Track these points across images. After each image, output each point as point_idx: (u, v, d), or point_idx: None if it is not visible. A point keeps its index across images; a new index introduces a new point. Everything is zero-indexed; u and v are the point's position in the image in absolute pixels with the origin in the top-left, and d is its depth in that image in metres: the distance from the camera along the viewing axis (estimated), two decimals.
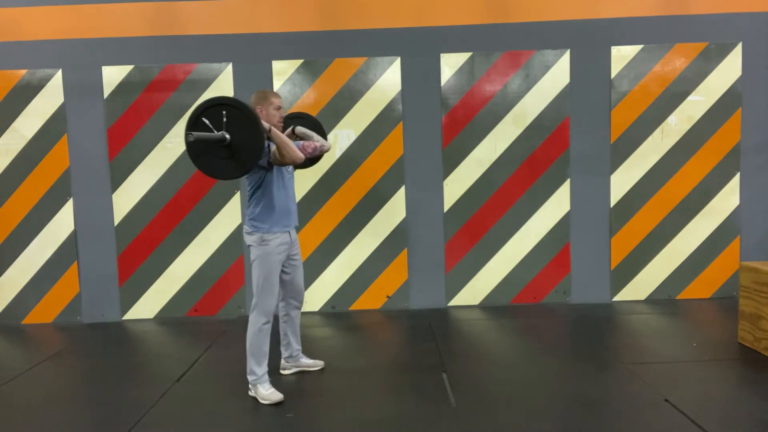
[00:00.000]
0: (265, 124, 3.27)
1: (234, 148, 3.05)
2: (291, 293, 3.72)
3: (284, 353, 3.83)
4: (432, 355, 4.12)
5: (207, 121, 3.06)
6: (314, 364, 3.85)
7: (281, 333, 3.80)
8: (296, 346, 3.82)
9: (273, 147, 3.33)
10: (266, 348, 3.44)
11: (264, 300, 3.41)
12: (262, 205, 3.42)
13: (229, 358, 4.19)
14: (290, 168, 3.55)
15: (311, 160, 3.96)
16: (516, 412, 3.18)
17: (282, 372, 3.84)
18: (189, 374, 3.92)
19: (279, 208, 3.44)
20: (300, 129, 3.78)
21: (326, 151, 3.75)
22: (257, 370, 3.43)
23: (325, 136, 4.00)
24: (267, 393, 3.37)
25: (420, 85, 5.26)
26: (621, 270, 5.39)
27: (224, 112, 3.05)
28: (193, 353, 4.33)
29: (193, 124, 3.08)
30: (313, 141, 3.69)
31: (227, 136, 3.05)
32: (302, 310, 5.28)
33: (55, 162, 5.27)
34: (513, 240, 5.36)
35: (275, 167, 3.39)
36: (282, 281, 3.66)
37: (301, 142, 3.67)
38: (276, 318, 3.69)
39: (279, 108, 3.47)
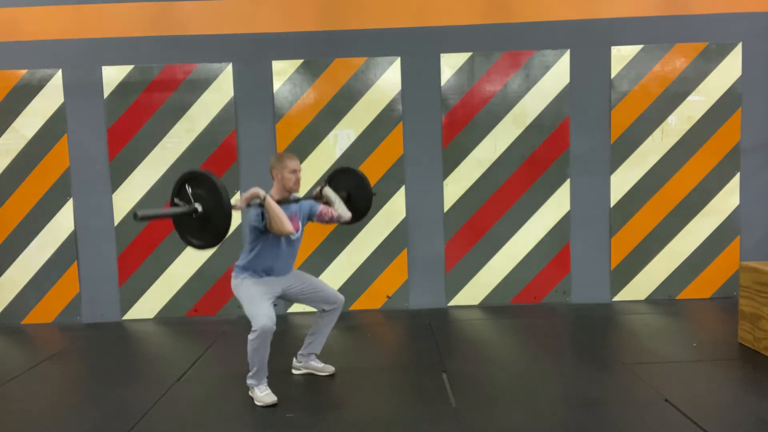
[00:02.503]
0: (261, 192, 3.24)
1: (207, 217, 2.99)
2: (319, 303, 3.69)
3: (303, 346, 3.80)
4: (432, 355, 4.12)
5: (180, 202, 3.04)
6: (324, 369, 3.79)
7: (312, 324, 3.78)
8: (313, 345, 3.77)
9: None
10: (265, 355, 3.41)
11: (255, 317, 3.32)
12: (249, 259, 3.45)
13: (228, 358, 4.19)
14: (295, 235, 3.47)
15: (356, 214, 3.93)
16: (516, 412, 3.18)
17: (293, 372, 3.83)
18: (189, 374, 3.92)
19: (262, 268, 3.46)
20: (327, 192, 3.73)
21: (345, 221, 3.71)
22: (254, 373, 3.42)
23: (369, 190, 3.90)
24: (262, 395, 3.37)
25: (420, 85, 5.26)
26: (621, 270, 5.39)
27: (188, 187, 3.01)
28: (193, 353, 4.33)
29: (173, 203, 3.07)
30: (334, 208, 3.65)
31: (199, 208, 2.98)
32: (301, 310, 5.27)
33: (55, 162, 5.27)
34: (513, 240, 5.36)
35: (272, 234, 3.37)
36: (305, 300, 3.69)
37: (321, 206, 3.64)
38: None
39: (294, 171, 3.44)
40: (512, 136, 5.29)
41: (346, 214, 3.68)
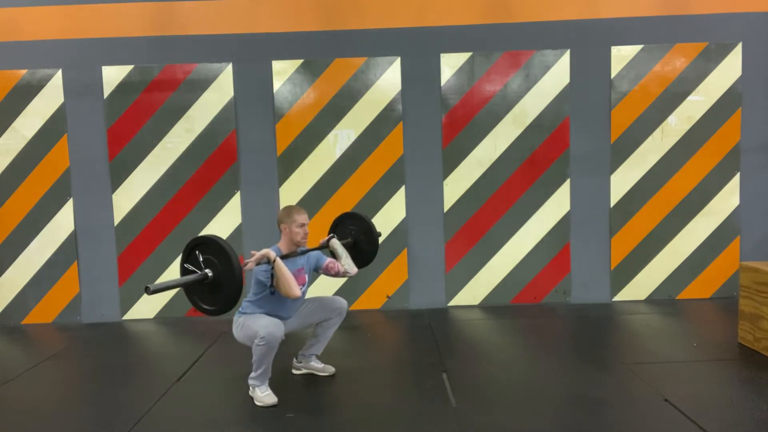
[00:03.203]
0: (272, 255, 3.24)
1: (218, 282, 2.99)
2: (323, 316, 3.70)
3: (304, 347, 3.80)
4: (432, 355, 4.12)
5: (191, 267, 3.04)
6: (324, 369, 3.79)
7: (314, 327, 3.79)
8: (315, 347, 3.78)
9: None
10: (269, 359, 3.40)
11: (262, 326, 3.31)
12: (252, 307, 3.46)
13: (228, 358, 4.19)
14: (302, 289, 3.47)
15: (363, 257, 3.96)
16: (516, 412, 3.18)
17: (293, 372, 3.84)
18: (189, 374, 3.92)
19: (267, 314, 3.46)
20: (335, 244, 3.72)
21: (351, 276, 3.73)
22: (257, 374, 3.42)
23: (373, 234, 3.93)
24: (263, 395, 3.37)
25: (420, 85, 5.26)
26: (621, 270, 5.39)
27: (198, 252, 3.02)
28: (193, 353, 4.33)
29: (182, 268, 3.07)
30: (341, 263, 3.65)
31: (209, 273, 2.98)
32: None
33: (55, 162, 5.27)
34: (513, 240, 5.36)
35: (278, 294, 3.37)
36: (311, 323, 3.71)
37: (328, 260, 3.65)
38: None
39: (303, 225, 3.45)
40: (512, 136, 5.29)
41: (353, 270, 3.69)
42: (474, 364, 3.94)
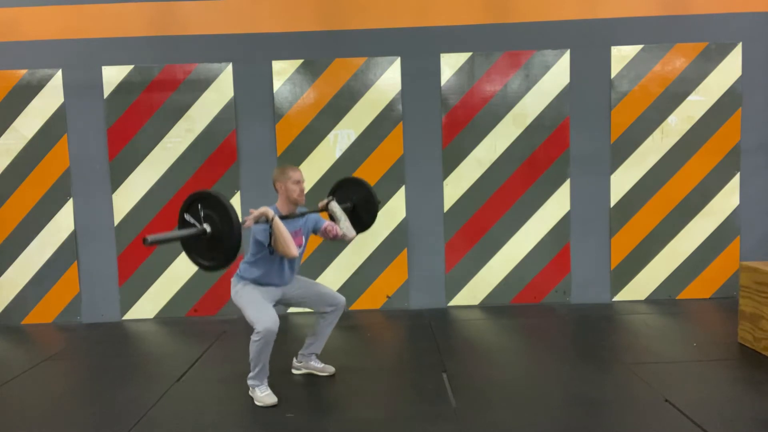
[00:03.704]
0: (270, 213, 3.23)
1: (216, 238, 2.96)
2: (320, 306, 3.69)
3: (303, 346, 3.80)
4: (432, 355, 4.12)
5: (191, 219, 3.01)
6: (324, 369, 3.79)
7: (313, 325, 3.78)
8: (314, 346, 3.77)
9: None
10: (268, 356, 3.40)
11: (258, 319, 3.31)
12: (250, 270, 3.46)
13: (229, 358, 4.19)
14: (298, 250, 3.46)
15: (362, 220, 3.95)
16: (516, 412, 3.18)
17: (293, 371, 3.84)
18: (189, 374, 3.92)
19: (263, 279, 3.46)
20: (333, 207, 3.69)
21: (349, 240, 3.70)
22: (255, 373, 3.42)
23: (373, 200, 3.91)
24: (262, 395, 3.37)
25: (420, 85, 5.26)
26: (621, 270, 5.39)
27: (199, 206, 2.99)
28: (193, 353, 4.33)
29: (182, 224, 3.04)
30: (339, 226, 3.62)
31: (207, 228, 2.94)
32: (301, 310, 5.26)
33: (55, 162, 5.27)
34: (513, 240, 5.36)
35: (276, 253, 3.37)
36: (305, 304, 3.70)
37: (326, 222, 3.63)
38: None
39: (298, 182, 3.43)
40: (512, 136, 5.29)
41: (351, 233, 3.66)
42: (474, 364, 3.95)
